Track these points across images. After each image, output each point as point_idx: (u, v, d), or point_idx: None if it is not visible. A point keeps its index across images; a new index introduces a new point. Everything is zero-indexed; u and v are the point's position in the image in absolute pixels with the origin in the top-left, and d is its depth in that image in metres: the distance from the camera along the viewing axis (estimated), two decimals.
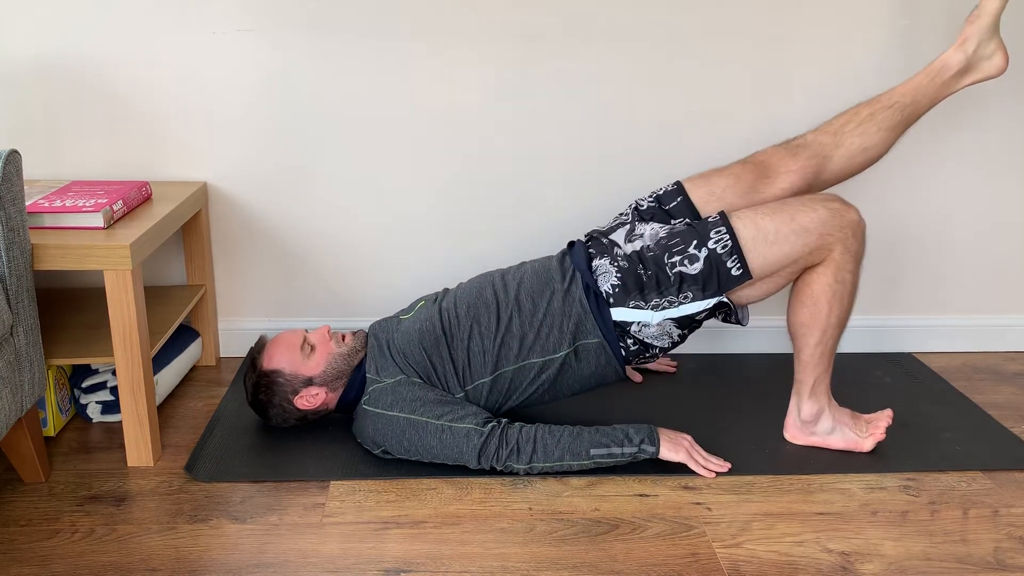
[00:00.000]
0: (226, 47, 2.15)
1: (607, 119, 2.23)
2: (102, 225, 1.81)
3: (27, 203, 1.84)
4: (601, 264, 1.83)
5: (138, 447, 1.83)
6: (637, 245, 1.84)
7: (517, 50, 2.17)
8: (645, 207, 1.96)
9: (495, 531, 1.64)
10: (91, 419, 2.02)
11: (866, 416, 1.92)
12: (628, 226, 1.91)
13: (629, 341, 1.83)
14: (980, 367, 2.37)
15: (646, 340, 1.82)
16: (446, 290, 1.98)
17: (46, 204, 1.85)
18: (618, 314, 1.80)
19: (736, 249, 1.74)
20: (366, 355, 1.91)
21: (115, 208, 1.86)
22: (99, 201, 1.86)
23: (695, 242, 1.77)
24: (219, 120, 2.20)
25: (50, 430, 1.93)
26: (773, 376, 2.20)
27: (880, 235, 2.35)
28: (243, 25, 2.13)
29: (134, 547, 1.58)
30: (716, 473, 1.80)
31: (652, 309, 1.78)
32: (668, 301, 1.78)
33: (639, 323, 1.80)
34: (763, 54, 2.20)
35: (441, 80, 2.19)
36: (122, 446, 1.88)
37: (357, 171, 2.25)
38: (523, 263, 1.95)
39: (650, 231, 1.86)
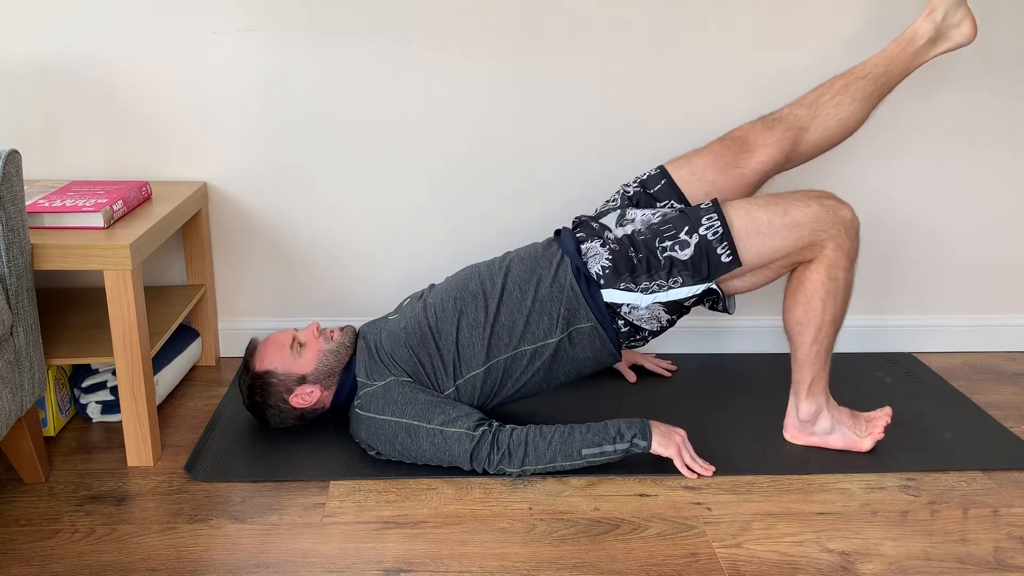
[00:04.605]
0: (226, 47, 2.15)
1: (607, 120, 2.23)
2: (102, 225, 1.81)
3: (27, 203, 1.84)
4: (591, 247, 1.84)
5: (138, 447, 1.83)
6: (628, 229, 1.85)
7: (517, 50, 2.17)
8: (632, 192, 1.98)
9: (495, 531, 1.64)
10: (91, 419, 2.02)
11: (866, 415, 1.92)
12: (619, 211, 1.92)
13: (620, 323, 1.84)
14: (980, 367, 2.37)
15: (635, 322, 1.83)
16: (432, 285, 1.98)
17: (46, 204, 1.85)
18: (609, 295, 1.81)
19: (727, 236, 1.76)
20: (355, 357, 1.91)
21: (115, 208, 1.86)
22: (99, 201, 1.86)
23: (686, 228, 1.78)
24: (219, 120, 2.20)
25: (50, 430, 1.93)
26: (773, 376, 2.20)
27: (880, 234, 2.35)
28: (243, 25, 2.13)
29: (134, 547, 1.58)
30: (698, 475, 1.80)
31: (642, 292, 1.79)
32: (658, 285, 1.78)
33: (629, 305, 1.81)
34: (764, 55, 2.20)
35: (441, 80, 2.19)
36: (122, 446, 1.87)
37: (357, 171, 2.25)
38: (507, 253, 1.96)
39: (641, 216, 1.87)
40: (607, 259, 1.81)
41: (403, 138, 2.23)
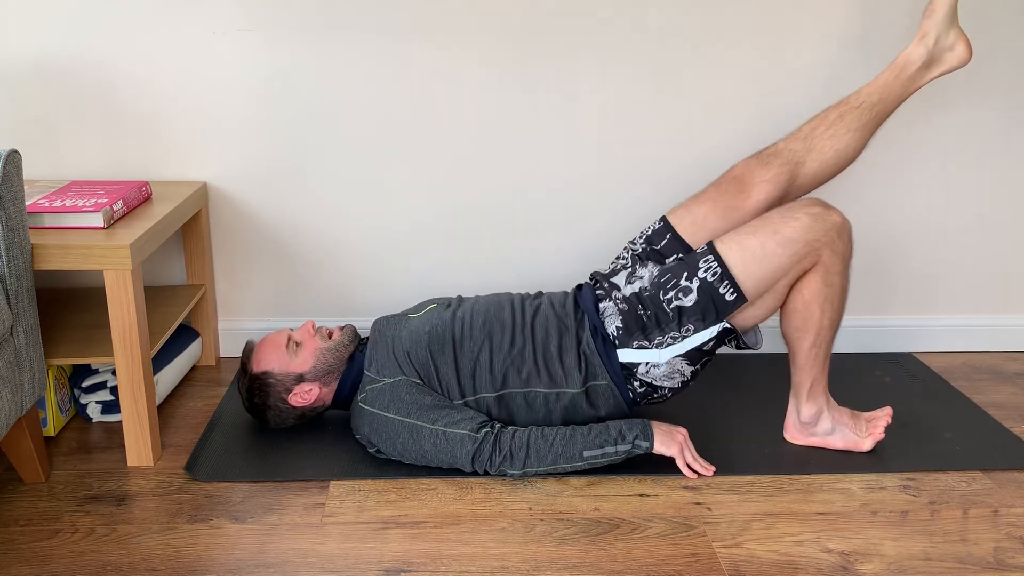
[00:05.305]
0: (226, 47, 2.15)
1: (609, 120, 2.23)
2: (102, 225, 1.81)
3: (27, 203, 1.84)
4: (607, 307, 1.85)
5: (138, 447, 1.83)
6: (636, 287, 1.85)
7: (519, 50, 2.17)
8: (639, 250, 1.98)
9: (495, 531, 1.64)
10: (91, 419, 2.02)
11: (866, 415, 1.92)
12: (629, 269, 1.93)
13: (635, 383, 1.84)
14: (980, 367, 2.37)
15: (654, 382, 1.83)
16: (460, 298, 1.97)
17: (46, 204, 1.85)
18: (624, 356, 1.81)
19: (726, 274, 1.75)
20: (365, 351, 1.91)
21: (115, 208, 1.86)
22: (99, 201, 1.86)
23: (686, 274, 1.78)
24: (219, 120, 2.20)
25: (50, 430, 1.93)
26: (773, 376, 2.20)
27: (880, 235, 2.35)
28: (243, 25, 2.13)
29: (134, 547, 1.58)
30: (699, 475, 1.80)
31: (658, 348, 1.79)
32: (671, 337, 1.79)
33: (647, 364, 1.81)
34: (763, 55, 2.20)
35: (441, 80, 2.19)
36: (122, 446, 1.88)
37: (357, 171, 2.25)
38: (540, 292, 1.97)
39: (648, 272, 1.88)
40: (620, 320, 1.81)
41: (403, 138, 2.23)
